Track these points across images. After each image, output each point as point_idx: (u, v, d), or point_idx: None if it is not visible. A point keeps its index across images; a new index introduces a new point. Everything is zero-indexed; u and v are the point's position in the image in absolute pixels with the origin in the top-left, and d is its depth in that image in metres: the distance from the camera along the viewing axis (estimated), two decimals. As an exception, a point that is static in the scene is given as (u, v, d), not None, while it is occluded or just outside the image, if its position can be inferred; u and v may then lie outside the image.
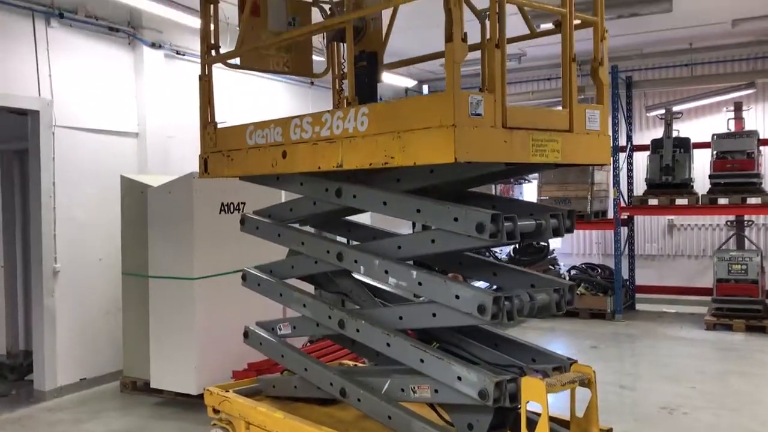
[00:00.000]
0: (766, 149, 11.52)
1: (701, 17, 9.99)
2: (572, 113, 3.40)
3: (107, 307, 7.80)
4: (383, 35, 4.34)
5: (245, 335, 5.00)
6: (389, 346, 3.80)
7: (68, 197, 7.45)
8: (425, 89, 14.13)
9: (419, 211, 3.51)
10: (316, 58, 5.00)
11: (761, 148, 10.86)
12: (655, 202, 11.05)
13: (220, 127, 4.36)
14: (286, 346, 4.73)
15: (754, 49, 11.79)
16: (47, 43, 7.30)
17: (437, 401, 3.75)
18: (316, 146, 3.56)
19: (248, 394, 5.00)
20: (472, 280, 6.05)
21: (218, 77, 4.66)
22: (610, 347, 9.19)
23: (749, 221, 11.72)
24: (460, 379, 3.44)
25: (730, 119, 11.28)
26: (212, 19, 4.43)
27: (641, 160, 11.88)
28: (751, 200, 10.49)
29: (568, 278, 11.36)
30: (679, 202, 10.89)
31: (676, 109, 11.54)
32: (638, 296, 12.06)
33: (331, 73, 4.67)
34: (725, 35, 11.10)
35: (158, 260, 6.85)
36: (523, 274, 4.03)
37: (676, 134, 11.09)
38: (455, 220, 3.34)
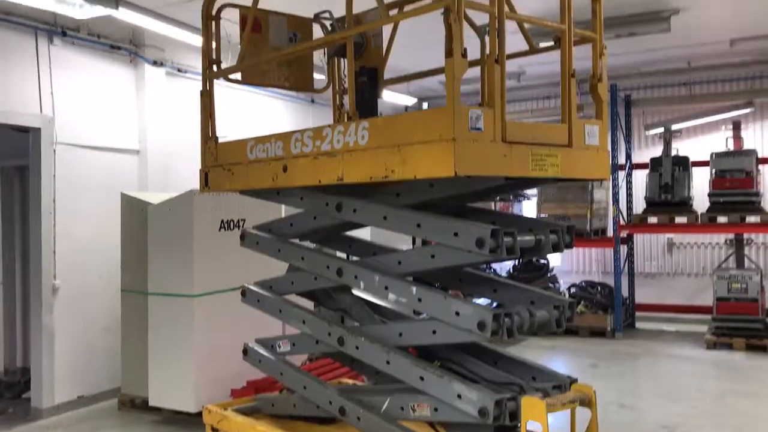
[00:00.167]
0: (764, 168, 11.55)
1: (699, 37, 10.05)
2: (571, 128, 3.42)
3: (106, 324, 7.77)
4: (384, 51, 4.38)
5: (244, 352, 4.98)
6: (389, 363, 3.79)
7: (68, 214, 7.45)
8: (425, 107, 14.19)
9: (419, 225, 3.52)
10: (316, 76, 5.02)
11: (760, 166, 10.88)
12: (654, 220, 11.06)
13: (221, 141, 4.38)
14: (285, 363, 4.71)
15: (752, 68, 11.85)
16: (49, 60, 7.34)
17: (437, 419, 3.73)
18: (316, 160, 3.57)
19: (247, 412, 4.97)
20: (472, 297, 6.04)
21: (219, 96, 4.68)
22: (610, 366, 9.15)
23: (749, 240, 11.72)
24: (460, 397, 3.42)
25: (728, 138, 11.32)
26: (214, 36, 4.46)
27: (640, 178, 11.90)
28: (750, 219, 10.50)
29: (567, 296, 11.32)
30: (678, 220, 10.89)
31: (675, 127, 11.59)
32: (638, 314, 12.01)
33: (331, 88, 4.70)
34: (723, 55, 11.14)
35: (158, 277, 6.84)
36: (522, 290, 4.02)
37: (675, 153, 11.12)
38: (455, 235, 3.35)
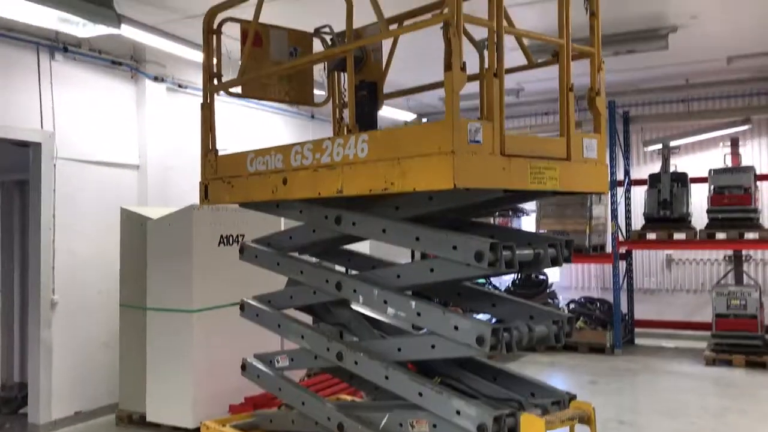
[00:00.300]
0: (762, 184, 11.59)
1: (697, 54, 10.12)
2: (570, 142, 3.44)
3: (104, 339, 7.75)
4: (383, 66, 4.41)
5: (243, 368, 4.96)
6: (387, 378, 3.77)
7: (68, 229, 7.46)
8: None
9: (418, 239, 3.52)
10: (316, 91, 5.06)
11: (758, 183, 10.93)
12: (653, 236, 11.08)
13: (221, 154, 4.40)
14: (283, 379, 4.69)
15: (749, 85, 11.92)
16: (51, 76, 7.38)
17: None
18: (316, 173, 3.58)
19: (245, 428, 4.94)
20: (475, 313, 6.03)
21: (220, 112, 4.70)
22: (609, 382, 9.12)
23: (747, 256, 11.74)
24: (458, 413, 3.40)
25: (726, 154, 11.37)
26: (215, 50, 4.50)
27: (639, 194, 11.93)
28: (748, 235, 10.51)
29: (566, 312, 11.32)
30: (677, 236, 10.91)
31: (673, 144, 11.64)
32: (637, 330, 11.99)
33: (331, 102, 4.72)
34: (721, 72, 11.21)
35: (157, 292, 6.84)
36: (521, 305, 4.02)
37: (673, 169, 11.18)
38: (454, 248, 3.35)
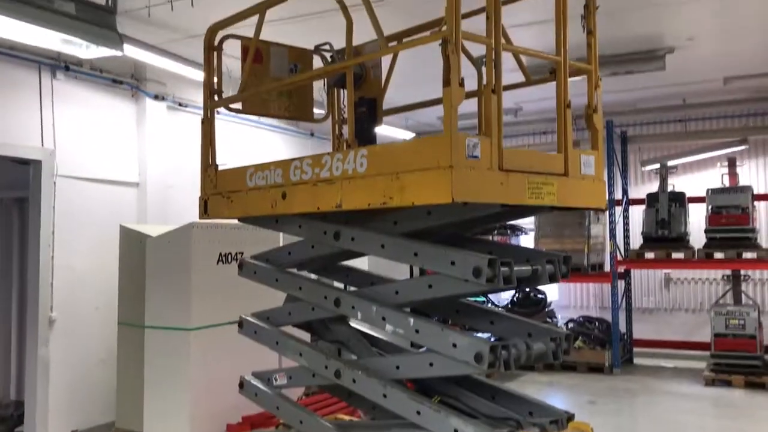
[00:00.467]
0: (760, 204, 11.62)
1: (694, 75, 10.21)
2: (567, 158, 3.47)
3: (102, 356, 7.74)
4: (382, 83, 4.45)
5: (240, 386, 4.93)
6: (386, 397, 3.76)
7: (67, 246, 7.47)
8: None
9: (416, 254, 3.53)
10: (316, 110, 5.09)
11: (755, 203, 10.97)
12: (651, 255, 11.10)
13: (220, 169, 4.43)
14: (281, 397, 4.67)
15: (746, 106, 12.01)
16: (52, 94, 7.44)
17: (434, 455, 3.69)
18: (315, 187, 3.60)
19: (243, 446, 4.93)
20: (477, 331, 6.03)
21: (219, 129, 4.72)
22: (608, 402, 9.09)
23: (745, 276, 11.74)
24: (456, 431, 3.40)
25: (724, 174, 11.42)
26: (215, 67, 4.53)
27: (637, 213, 11.96)
28: (746, 255, 10.53)
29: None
30: (675, 255, 10.94)
31: (670, 163, 11.70)
32: (636, 350, 11.96)
33: (331, 118, 4.76)
34: (718, 92, 11.30)
35: (155, 310, 6.82)
36: (519, 322, 4.01)
37: (671, 188, 11.22)
38: (452, 264, 3.35)
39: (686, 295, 12.87)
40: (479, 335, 5.86)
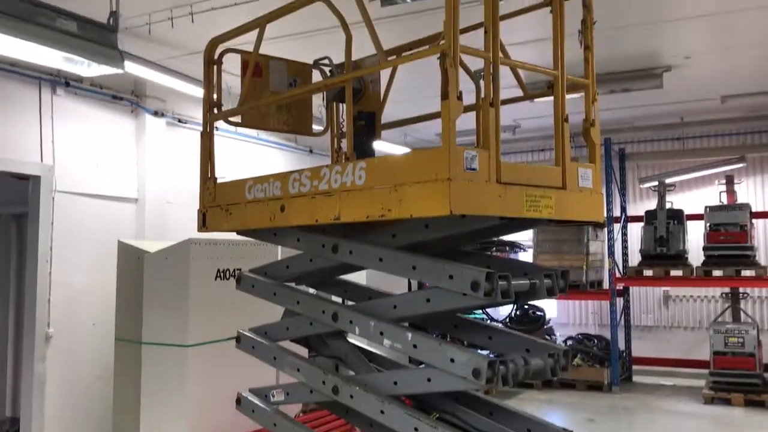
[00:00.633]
0: (758, 222, 11.63)
1: (691, 93, 10.26)
2: (565, 171, 3.48)
3: (98, 373, 7.69)
4: (381, 97, 4.47)
5: (237, 402, 4.90)
6: (383, 413, 3.74)
7: (65, 262, 7.45)
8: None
9: (415, 268, 3.52)
10: (315, 127, 5.11)
11: (754, 220, 10.97)
12: (650, 273, 11.10)
13: (219, 182, 4.43)
14: (278, 414, 4.64)
15: (743, 124, 12.06)
16: (52, 110, 7.44)
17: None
18: (314, 200, 3.61)
19: (239, 463, 4.89)
20: (477, 348, 6.01)
21: (218, 146, 4.72)
22: (607, 420, 9.05)
23: (744, 293, 11.74)
24: (454, 448, 3.38)
25: (722, 192, 11.44)
26: (215, 83, 4.56)
27: (635, 231, 11.97)
28: (745, 272, 10.53)
29: (564, 350, 11.25)
30: (673, 273, 10.94)
31: (668, 181, 11.72)
32: (635, 368, 11.93)
33: (330, 132, 4.77)
34: (715, 110, 11.35)
35: (152, 326, 6.79)
36: (518, 338, 4.00)
37: (669, 206, 11.23)
38: (450, 277, 3.35)
39: (685, 312, 12.85)
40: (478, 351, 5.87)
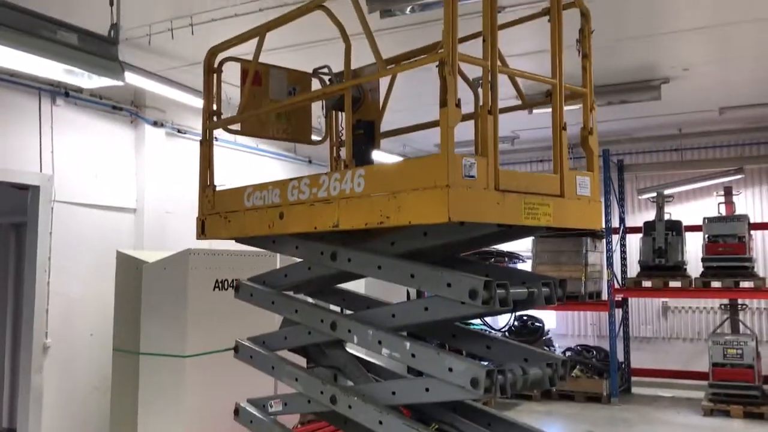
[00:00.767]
0: (757, 233, 11.64)
1: (689, 105, 10.29)
2: (563, 179, 3.49)
3: (96, 383, 7.66)
4: (380, 105, 4.49)
5: (235, 412, 4.89)
6: (381, 423, 3.72)
7: (63, 272, 7.43)
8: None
9: (413, 276, 3.53)
10: (314, 137, 5.13)
11: (752, 232, 10.98)
12: (648, 284, 11.09)
13: (218, 190, 4.44)
14: (277, 424, 4.63)
15: (741, 135, 12.10)
16: (51, 120, 7.45)
17: (429, 483, 3.65)
18: (313, 207, 3.62)
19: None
20: (476, 358, 6.00)
21: (217, 156, 4.73)
22: (606, 432, 9.03)
23: (743, 305, 11.73)
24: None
25: (720, 203, 11.46)
26: (215, 92, 4.57)
27: (634, 242, 11.98)
28: (743, 284, 10.52)
29: (563, 361, 11.22)
30: (672, 284, 10.93)
31: (667, 192, 11.74)
32: (634, 379, 11.89)
33: (329, 141, 4.79)
34: (713, 122, 11.38)
35: (150, 337, 6.77)
36: (516, 347, 4.00)
37: (667, 217, 11.23)
38: (448, 285, 3.35)
39: (684, 323, 12.83)
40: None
